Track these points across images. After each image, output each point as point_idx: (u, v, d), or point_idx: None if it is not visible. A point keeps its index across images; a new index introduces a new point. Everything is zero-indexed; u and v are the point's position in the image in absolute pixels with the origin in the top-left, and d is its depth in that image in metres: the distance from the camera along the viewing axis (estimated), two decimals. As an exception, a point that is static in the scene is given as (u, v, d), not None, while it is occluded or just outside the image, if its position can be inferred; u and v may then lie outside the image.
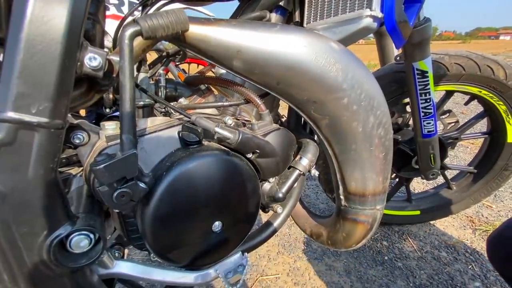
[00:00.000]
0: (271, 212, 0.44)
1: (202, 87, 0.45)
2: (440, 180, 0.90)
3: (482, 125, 1.47)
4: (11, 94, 0.21)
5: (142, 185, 0.26)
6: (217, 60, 0.32)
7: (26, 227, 0.24)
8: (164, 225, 0.29)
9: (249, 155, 0.33)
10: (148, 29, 0.26)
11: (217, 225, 0.32)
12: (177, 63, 1.80)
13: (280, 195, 0.38)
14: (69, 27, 0.22)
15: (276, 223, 0.42)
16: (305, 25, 0.45)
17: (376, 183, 0.38)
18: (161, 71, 0.46)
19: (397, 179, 0.89)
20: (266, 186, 0.39)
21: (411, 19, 0.41)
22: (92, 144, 0.31)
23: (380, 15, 0.37)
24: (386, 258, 0.83)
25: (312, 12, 0.43)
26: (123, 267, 0.32)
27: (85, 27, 0.25)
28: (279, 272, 0.78)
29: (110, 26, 1.47)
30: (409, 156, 0.77)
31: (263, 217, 0.96)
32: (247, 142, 0.32)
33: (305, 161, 0.40)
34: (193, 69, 1.97)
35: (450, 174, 0.93)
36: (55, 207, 0.25)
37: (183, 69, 1.91)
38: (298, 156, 0.40)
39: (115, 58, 0.30)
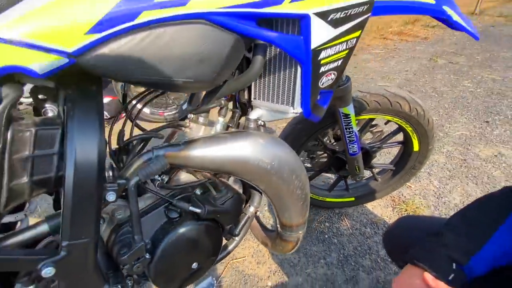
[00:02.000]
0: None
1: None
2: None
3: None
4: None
5: (147, 256, 0.42)
6: (194, 168, 0.46)
7: None
8: (161, 270, 0.46)
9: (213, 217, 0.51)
10: (146, 176, 0.40)
11: (195, 265, 0.50)
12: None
13: (236, 232, 0.57)
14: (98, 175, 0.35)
15: (231, 247, 0.62)
16: (252, 99, 0.59)
17: (298, 218, 0.58)
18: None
19: (336, 175, 1.13)
20: (226, 227, 0.58)
21: (325, 103, 0.57)
22: None
23: (300, 110, 0.53)
24: (326, 236, 1.11)
25: (257, 93, 0.57)
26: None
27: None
28: (246, 255, 1.02)
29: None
30: (344, 161, 0.99)
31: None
32: (211, 212, 0.49)
33: (252, 208, 0.58)
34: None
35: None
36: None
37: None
38: (248, 205, 0.58)
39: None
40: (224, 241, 0.60)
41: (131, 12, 0.33)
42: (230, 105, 0.62)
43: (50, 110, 0.37)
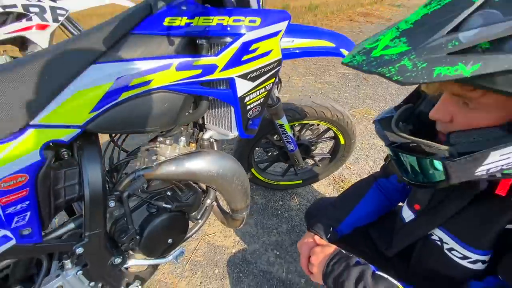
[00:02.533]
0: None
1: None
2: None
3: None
4: None
5: (137, 237, 0.67)
6: (164, 180, 0.70)
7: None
8: (147, 245, 0.71)
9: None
10: (133, 190, 0.63)
11: (170, 240, 0.75)
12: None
13: (198, 217, 0.82)
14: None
15: (197, 228, 0.88)
16: (205, 123, 0.81)
17: (241, 204, 0.84)
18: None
19: (287, 165, 1.41)
20: (192, 215, 0.83)
21: (256, 126, 0.81)
22: None
23: (237, 133, 0.77)
24: (279, 212, 1.41)
25: (208, 120, 0.80)
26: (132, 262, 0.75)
27: None
28: (215, 232, 1.30)
29: (36, 35, 1.51)
30: (289, 154, 1.26)
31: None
32: (178, 206, 0.73)
33: (209, 201, 0.83)
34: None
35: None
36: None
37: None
38: (206, 198, 0.83)
39: None
40: (191, 224, 0.86)
41: (115, 94, 0.54)
42: (191, 125, 0.85)
43: (66, 153, 0.58)
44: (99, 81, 0.52)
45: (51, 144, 0.50)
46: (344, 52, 0.87)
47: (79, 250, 0.57)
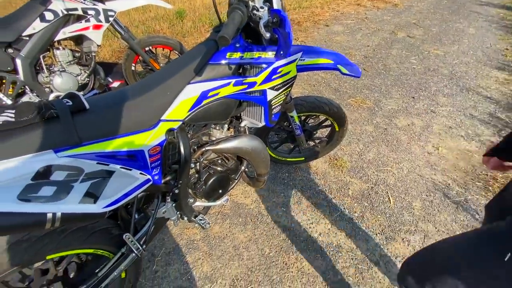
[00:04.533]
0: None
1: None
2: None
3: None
4: None
5: (204, 191, 1.08)
6: (222, 152, 1.09)
7: None
8: (207, 193, 1.11)
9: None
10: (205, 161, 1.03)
11: (220, 191, 1.16)
12: (146, 50, 2.22)
13: (236, 177, 1.23)
14: None
15: (233, 185, 1.29)
16: (242, 116, 1.19)
17: (264, 171, 1.24)
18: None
19: (293, 145, 1.80)
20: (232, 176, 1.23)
21: (276, 118, 1.19)
22: None
23: (264, 123, 1.15)
24: (285, 181, 1.82)
25: (245, 114, 1.18)
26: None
27: None
28: (238, 193, 1.72)
29: (92, 34, 1.84)
30: (295, 137, 1.65)
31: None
32: (225, 171, 1.13)
33: (242, 167, 1.23)
34: (160, 50, 2.39)
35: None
36: None
37: (151, 52, 2.32)
38: (242, 166, 1.23)
39: None
40: (231, 182, 1.26)
41: (200, 101, 0.92)
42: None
43: (173, 135, 0.97)
44: (192, 94, 0.90)
45: (169, 130, 0.88)
46: (340, 67, 1.22)
47: (176, 191, 0.98)
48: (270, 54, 0.98)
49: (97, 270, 0.95)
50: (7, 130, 0.63)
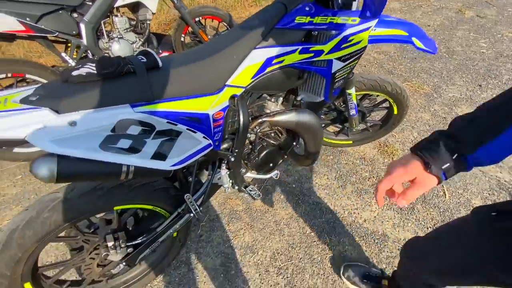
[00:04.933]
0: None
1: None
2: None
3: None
4: None
5: (258, 162, 1.07)
6: (277, 125, 1.06)
7: None
8: (259, 165, 1.10)
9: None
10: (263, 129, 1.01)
11: (271, 165, 1.14)
12: (196, 20, 2.20)
13: (287, 153, 1.20)
14: None
15: (281, 160, 1.26)
16: (298, 90, 1.13)
17: (317, 149, 1.19)
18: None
19: (341, 126, 1.71)
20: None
21: (336, 94, 1.11)
22: None
23: (323, 98, 1.08)
24: (330, 164, 1.76)
25: (303, 88, 1.11)
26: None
27: None
28: (279, 172, 1.70)
29: (149, 1, 1.84)
30: (346, 118, 1.56)
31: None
32: (278, 145, 1.10)
33: (294, 143, 1.20)
34: (208, 22, 2.36)
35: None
36: None
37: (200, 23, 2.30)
38: (293, 142, 1.20)
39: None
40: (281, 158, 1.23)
41: (264, 68, 0.88)
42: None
43: (234, 102, 0.95)
44: (257, 60, 0.86)
45: (232, 96, 0.86)
46: (415, 40, 1.09)
47: (232, 159, 0.98)
48: (341, 20, 0.90)
49: (154, 226, 1.01)
50: (90, 82, 0.65)
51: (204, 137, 0.83)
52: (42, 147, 0.57)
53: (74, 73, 0.64)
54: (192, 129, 0.79)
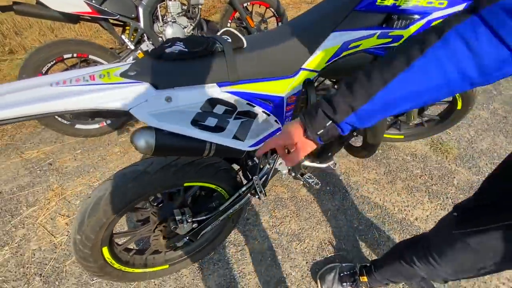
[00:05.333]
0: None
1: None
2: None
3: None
4: None
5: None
6: None
7: None
8: (319, 155, 1.09)
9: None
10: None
11: (329, 154, 1.13)
12: (243, 6, 2.18)
13: (344, 143, 1.17)
14: None
15: (337, 152, 1.23)
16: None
17: (376, 141, 1.15)
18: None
19: (395, 120, 1.63)
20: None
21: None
22: None
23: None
24: (378, 158, 1.70)
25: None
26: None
27: None
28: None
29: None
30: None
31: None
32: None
33: (351, 136, 1.16)
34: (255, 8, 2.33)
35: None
36: None
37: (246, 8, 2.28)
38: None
39: None
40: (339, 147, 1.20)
41: (340, 53, 0.85)
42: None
43: (304, 87, 0.94)
44: (334, 43, 0.83)
45: (305, 80, 0.85)
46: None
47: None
48: (427, 3, 0.83)
49: (213, 205, 1.04)
50: (183, 60, 0.66)
51: (275, 120, 0.83)
52: (144, 120, 0.60)
53: (167, 50, 0.66)
54: (267, 112, 0.79)
